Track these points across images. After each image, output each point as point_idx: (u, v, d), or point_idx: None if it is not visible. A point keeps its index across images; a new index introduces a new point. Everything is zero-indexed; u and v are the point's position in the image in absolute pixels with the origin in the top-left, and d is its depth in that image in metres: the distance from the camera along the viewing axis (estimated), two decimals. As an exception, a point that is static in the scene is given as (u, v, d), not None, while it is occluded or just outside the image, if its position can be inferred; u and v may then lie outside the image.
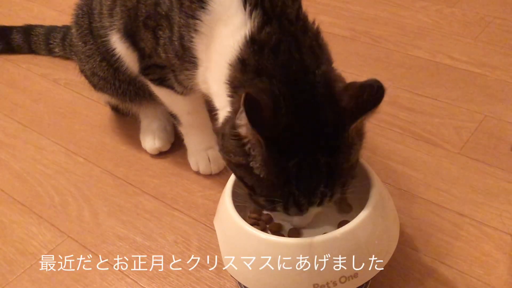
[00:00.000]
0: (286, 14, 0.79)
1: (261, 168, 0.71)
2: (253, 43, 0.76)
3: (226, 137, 0.75)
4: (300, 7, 0.83)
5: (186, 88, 0.97)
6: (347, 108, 0.71)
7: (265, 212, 0.88)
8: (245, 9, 0.78)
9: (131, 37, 0.99)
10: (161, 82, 1.00)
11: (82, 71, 1.20)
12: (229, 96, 0.79)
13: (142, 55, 0.99)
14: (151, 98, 1.11)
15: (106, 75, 1.12)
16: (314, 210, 0.77)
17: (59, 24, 1.53)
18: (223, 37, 0.80)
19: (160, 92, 1.04)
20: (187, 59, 0.88)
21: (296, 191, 0.72)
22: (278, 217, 0.85)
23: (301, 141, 0.71)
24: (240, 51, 0.77)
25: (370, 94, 0.69)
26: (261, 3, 0.78)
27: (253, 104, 0.66)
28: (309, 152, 0.71)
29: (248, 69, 0.76)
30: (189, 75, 0.91)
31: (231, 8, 0.79)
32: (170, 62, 0.93)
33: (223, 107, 0.80)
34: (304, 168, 0.71)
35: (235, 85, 0.78)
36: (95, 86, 1.18)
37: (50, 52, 1.53)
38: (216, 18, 0.81)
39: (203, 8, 0.81)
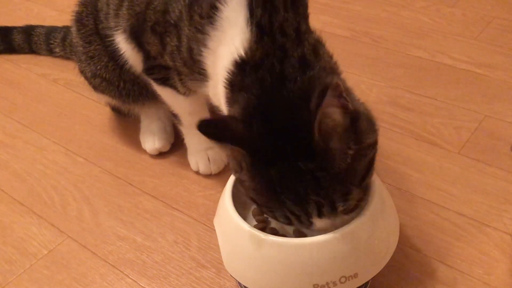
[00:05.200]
0: (281, 28, 0.77)
1: (249, 180, 0.73)
2: (238, 64, 0.77)
3: (230, 157, 0.78)
4: (302, 20, 0.81)
5: (189, 89, 0.97)
6: (311, 110, 0.68)
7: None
8: (247, 26, 0.77)
9: (137, 39, 0.98)
10: (164, 81, 1.00)
11: (81, 72, 1.19)
12: None
13: (147, 56, 0.99)
14: (153, 98, 1.11)
15: (110, 76, 1.11)
16: (324, 222, 0.74)
17: (59, 24, 1.53)
18: (223, 57, 0.79)
19: (163, 92, 1.03)
20: (196, 70, 0.87)
21: (286, 200, 0.71)
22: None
23: (279, 148, 0.70)
24: (229, 73, 0.78)
25: (322, 93, 0.66)
26: (259, 20, 0.77)
27: (210, 126, 0.70)
28: (288, 159, 0.70)
29: (234, 89, 0.77)
30: (198, 85, 0.91)
31: (236, 26, 0.78)
32: (178, 69, 0.93)
33: None
34: (286, 176, 0.70)
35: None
36: (95, 87, 1.17)
37: (50, 52, 1.53)
38: (222, 36, 0.80)
39: (211, 24, 0.80)
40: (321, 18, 1.60)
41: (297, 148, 0.70)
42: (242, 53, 0.77)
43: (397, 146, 1.14)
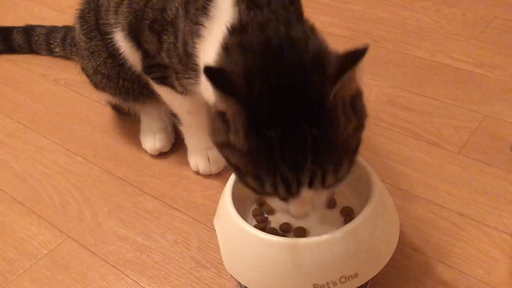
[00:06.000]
0: (283, 5, 0.78)
1: (243, 141, 0.69)
2: (234, 28, 0.76)
3: (212, 119, 0.74)
4: (298, 7, 0.83)
5: (186, 89, 0.98)
6: (331, 74, 0.68)
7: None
8: (235, 6, 0.78)
9: (136, 36, 0.99)
10: (163, 80, 1.00)
11: (83, 69, 1.19)
12: None
13: (145, 55, 1.00)
14: (154, 97, 1.11)
15: (110, 73, 1.11)
16: (307, 194, 0.72)
17: (59, 24, 1.53)
18: (216, 38, 0.79)
19: (161, 91, 1.04)
20: (190, 66, 0.88)
21: (282, 165, 0.69)
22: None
23: (283, 110, 0.68)
24: (224, 39, 0.77)
25: (354, 55, 0.66)
26: None
27: (217, 73, 0.67)
28: (292, 121, 0.68)
29: (231, 49, 0.75)
30: (193, 83, 0.91)
31: (225, 10, 0.79)
32: (173, 66, 0.93)
33: None
34: (287, 138, 0.68)
35: None
36: (96, 85, 1.18)
37: (50, 52, 1.53)
38: (215, 22, 0.81)
39: (205, 14, 0.82)
40: (321, 18, 1.60)
41: (303, 111, 0.68)
42: (240, 19, 0.76)
43: (397, 146, 1.14)
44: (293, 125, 0.68)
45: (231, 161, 0.74)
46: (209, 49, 0.81)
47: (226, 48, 0.76)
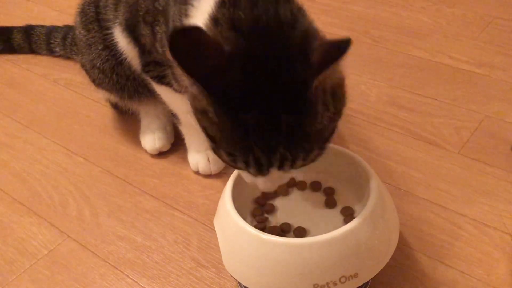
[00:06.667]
0: None
1: (217, 119, 0.71)
2: (224, 1, 0.75)
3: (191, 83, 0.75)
4: None
5: (183, 86, 0.98)
6: (315, 63, 0.69)
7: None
8: None
9: (132, 32, 1.00)
10: (160, 79, 1.00)
11: (82, 65, 1.20)
12: None
13: (142, 51, 1.00)
14: (151, 96, 1.12)
15: (104, 67, 1.11)
16: (276, 174, 0.75)
17: (59, 24, 1.53)
18: (206, 11, 0.78)
19: (160, 90, 1.04)
20: None
21: (255, 147, 0.71)
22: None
23: (261, 95, 0.69)
24: (213, 11, 0.76)
25: (338, 48, 0.67)
26: None
27: (185, 42, 0.65)
28: (270, 107, 0.69)
29: (220, 22, 0.74)
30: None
31: None
32: (166, 57, 0.93)
33: None
34: (263, 123, 0.69)
35: None
36: (94, 81, 1.18)
37: (50, 52, 1.53)
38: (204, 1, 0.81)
39: None
40: (321, 18, 1.60)
41: (282, 98, 0.69)
42: None
43: (397, 146, 1.14)
44: (270, 110, 0.69)
45: (208, 132, 0.75)
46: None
47: (215, 19, 0.75)
